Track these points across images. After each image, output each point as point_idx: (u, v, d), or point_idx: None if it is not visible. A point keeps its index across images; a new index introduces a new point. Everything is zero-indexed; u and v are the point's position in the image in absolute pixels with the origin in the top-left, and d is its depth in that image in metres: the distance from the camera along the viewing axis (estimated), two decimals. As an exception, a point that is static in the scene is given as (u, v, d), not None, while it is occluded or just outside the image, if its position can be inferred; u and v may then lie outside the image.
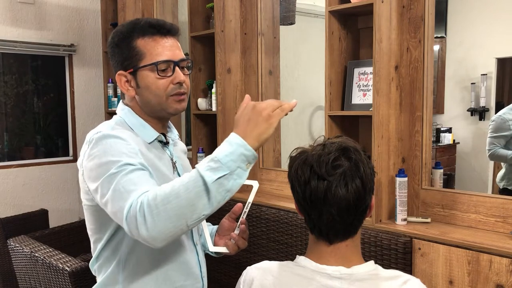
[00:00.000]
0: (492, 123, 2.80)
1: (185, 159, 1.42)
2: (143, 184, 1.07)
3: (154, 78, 1.22)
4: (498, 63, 3.17)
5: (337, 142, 1.01)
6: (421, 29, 1.92)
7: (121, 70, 1.25)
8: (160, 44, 1.23)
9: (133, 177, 1.09)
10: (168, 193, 1.01)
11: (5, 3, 3.39)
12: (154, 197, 1.01)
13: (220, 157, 1.02)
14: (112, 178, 1.09)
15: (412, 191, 1.97)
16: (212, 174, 1.00)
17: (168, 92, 1.23)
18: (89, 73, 3.82)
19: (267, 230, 2.27)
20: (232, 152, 1.02)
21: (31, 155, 3.66)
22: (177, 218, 1.01)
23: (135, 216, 1.01)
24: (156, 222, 1.00)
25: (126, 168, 1.10)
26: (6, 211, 3.37)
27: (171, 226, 1.01)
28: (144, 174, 1.11)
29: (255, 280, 1.04)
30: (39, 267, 2.15)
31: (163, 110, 1.26)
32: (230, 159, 1.02)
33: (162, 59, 1.22)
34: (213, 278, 2.54)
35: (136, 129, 1.27)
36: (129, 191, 1.06)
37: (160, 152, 1.30)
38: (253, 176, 2.69)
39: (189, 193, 1.00)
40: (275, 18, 2.73)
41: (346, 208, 0.98)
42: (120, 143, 1.16)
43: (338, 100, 2.13)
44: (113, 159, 1.11)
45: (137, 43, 1.23)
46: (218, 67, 2.60)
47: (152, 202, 1.00)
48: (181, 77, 1.24)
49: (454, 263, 1.65)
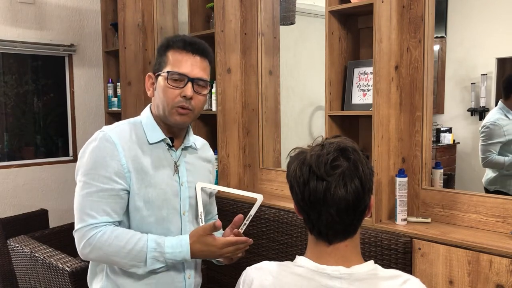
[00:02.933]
0: (486, 130, 2.76)
1: (201, 166, 1.50)
2: (99, 210, 1.29)
3: (164, 86, 1.34)
4: (498, 63, 3.17)
5: (336, 142, 1.01)
6: (421, 29, 1.92)
7: (152, 72, 1.41)
8: (183, 58, 1.35)
9: (94, 200, 1.30)
10: (112, 247, 1.27)
11: (5, 3, 3.39)
12: (101, 243, 1.27)
13: (167, 257, 1.29)
14: (82, 187, 1.31)
15: (412, 191, 1.97)
16: (153, 263, 1.29)
17: (175, 103, 1.33)
18: (89, 73, 3.82)
19: (267, 230, 2.27)
20: (176, 257, 1.30)
21: (31, 155, 3.66)
22: (109, 262, 1.32)
23: (81, 239, 1.29)
24: (90, 254, 1.30)
25: (94, 185, 1.30)
26: (6, 211, 3.37)
27: (101, 261, 1.35)
28: (105, 197, 1.30)
29: (254, 280, 1.04)
30: (39, 267, 2.15)
31: (166, 118, 1.37)
32: (172, 260, 1.30)
33: (176, 70, 1.33)
34: (213, 278, 2.54)
35: (146, 129, 1.39)
36: (86, 214, 1.29)
37: (164, 153, 1.40)
38: (253, 177, 2.70)
39: (129, 260, 1.28)
40: (275, 18, 2.73)
41: (345, 209, 0.97)
42: (105, 149, 1.31)
43: (338, 100, 2.13)
44: (90, 168, 1.31)
45: (169, 53, 1.36)
46: (218, 67, 2.60)
47: (98, 244, 1.27)
48: (188, 92, 1.32)
49: (454, 263, 1.65)
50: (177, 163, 1.41)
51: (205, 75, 1.38)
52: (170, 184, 1.38)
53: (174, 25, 3.28)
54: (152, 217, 1.35)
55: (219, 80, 2.60)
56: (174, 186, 1.39)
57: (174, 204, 1.39)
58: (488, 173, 2.82)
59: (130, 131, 1.38)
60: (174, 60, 1.34)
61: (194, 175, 1.45)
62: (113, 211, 1.31)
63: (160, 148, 1.39)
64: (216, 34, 2.59)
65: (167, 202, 1.37)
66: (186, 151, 1.46)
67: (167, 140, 1.40)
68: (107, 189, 1.29)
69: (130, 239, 1.28)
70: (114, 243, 1.27)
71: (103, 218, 1.29)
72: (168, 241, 1.29)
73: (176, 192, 1.40)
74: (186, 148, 1.46)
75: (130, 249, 1.27)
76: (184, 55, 1.35)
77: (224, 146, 2.64)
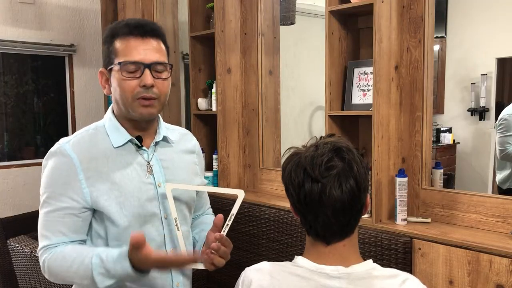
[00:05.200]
0: (504, 122, 2.77)
1: (181, 160, 1.37)
2: (54, 231, 1.22)
3: (119, 79, 1.21)
4: (498, 63, 3.17)
5: (330, 142, 1.00)
6: (421, 29, 1.92)
7: (103, 67, 1.26)
8: (132, 44, 1.21)
9: (50, 220, 1.23)
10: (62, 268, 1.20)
11: (5, 3, 3.39)
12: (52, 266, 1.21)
13: (112, 273, 1.14)
14: (41, 206, 1.26)
15: (412, 191, 1.97)
16: (103, 281, 1.16)
17: (134, 95, 1.20)
18: (89, 73, 3.82)
19: (267, 230, 2.27)
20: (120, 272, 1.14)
21: (31, 155, 3.66)
22: (67, 282, 1.26)
23: (40, 261, 1.24)
24: (49, 277, 1.25)
25: (51, 204, 1.23)
26: (6, 211, 3.37)
27: (62, 283, 1.31)
28: (61, 216, 1.22)
29: (253, 281, 1.04)
30: (39, 267, 2.15)
31: (129, 113, 1.24)
32: (118, 275, 1.15)
33: (128, 59, 1.19)
34: (213, 278, 2.54)
35: (110, 132, 1.27)
36: (42, 235, 1.23)
37: (133, 155, 1.27)
38: (253, 177, 2.70)
39: (80, 279, 1.19)
40: (275, 18, 2.73)
41: (342, 209, 0.97)
42: (61, 165, 1.23)
43: (338, 100, 2.13)
44: (47, 186, 1.25)
45: (116, 42, 1.22)
46: (218, 67, 2.60)
47: (49, 267, 1.21)
48: (146, 80, 1.19)
49: (454, 263, 1.65)
50: (150, 163, 1.28)
51: (162, 57, 1.23)
52: (143, 188, 1.25)
53: (174, 25, 3.28)
54: (129, 227, 1.22)
55: (219, 80, 2.60)
56: (149, 190, 1.26)
57: (151, 209, 1.25)
58: (501, 172, 2.83)
59: (90, 139, 1.26)
60: (124, 49, 1.20)
61: (174, 172, 1.31)
62: (70, 231, 1.21)
63: (127, 151, 1.26)
64: (216, 34, 2.59)
65: (143, 208, 1.24)
66: (159, 147, 1.32)
67: (133, 140, 1.26)
68: (63, 208, 1.20)
69: (77, 258, 1.17)
70: (62, 264, 1.19)
71: (57, 238, 1.21)
72: (110, 256, 1.15)
73: (153, 196, 1.26)
74: (158, 144, 1.32)
75: (77, 268, 1.17)
76: (132, 41, 1.20)
77: (224, 146, 2.64)
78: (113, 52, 1.22)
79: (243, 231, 2.39)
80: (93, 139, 1.26)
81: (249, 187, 2.70)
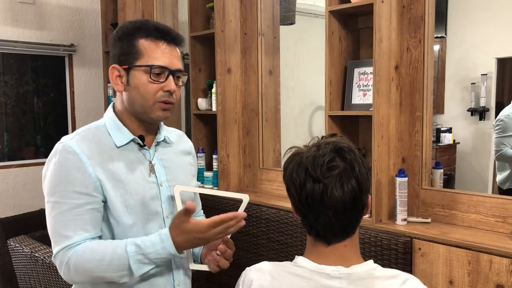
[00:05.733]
0: (500, 123, 2.79)
1: (180, 161, 1.39)
2: (75, 229, 1.18)
3: (145, 81, 1.22)
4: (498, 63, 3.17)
5: (331, 142, 1.00)
6: (421, 29, 1.92)
7: (116, 64, 1.25)
8: (160, 49, 1.23)
9: (68, 218, 1.18)
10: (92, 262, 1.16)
11: (5, 3, 3.39)
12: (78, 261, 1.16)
13: (151, 257, 1.16)
14: (52, 208, 1.20)
15: (412, 191, 1.97)
16: (140, 268, 1.16)
17: (157, 98, 1.23)
18: (89, 73, 3.82)
19: (267, 230, 2.27)
20: (160, 254, 1.16)
21: (31, 155, 3.66)
22: (95, 279, 1.20)
23: (61, 263, 1.18)
24: (74, 277, 1.20)
25: (65, 203, 1.19)
26: (6, 211, 3.37)
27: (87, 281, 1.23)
28: (81, 213, 1.19)
29: (254, 281, 1.04)
30: (39, 267, 2.15)
31: (145, 114, 1.25)
32: (158, 258, 1.17)
33: (158, 63, 1.21)
34: (213, 278, 2.54)
35: (111, 131, 1.27)
36: (61, 236, 1.18)
37: (136, 154, 1.28)
38: (253, 177, 2.70)
39: (113, 272, 1.16)
40: (275, 18, 2.73)
41: (343, 209, 0.97)
42: (68, 162, 1.20)
43: (338, 100, 2.13)
44: (56, 186, 1.20)
45: (139, 42, 1.22)
46: (218, 67, 2.60)
47: (77, 264, 1.16)
48: (172, 86, 1.23)
49: (454, 263, 1.65)
50: (152, 162, 1.30)
51: (181, 65, 1.28)
52: (147, 187, 1.26)
53: (174, 25, 3.28)
54: (134, 226, 1.23)
55: (219, 80, 2.60)
56: (152, 188, 1.28)
57: (154, 208, 1.27)
58: (502, 173, 2.85)
59: (93, 136, 1.25)
60: (150, 51, 1.22)
61: (174, 172, 1.33)
62: (91, 227, 1.20)
63: (130, 150, 1.27)
64: (216, 34, 2.59)
65: (146, 207, 1.25)
66: (160, 147, 1.34)
67: (136, 139, 1.28)
68: (80, 205, 1.18)
69: (107, 249, 1.17)
70: (92, 258, 1.16)
71: (80, 236, 1.18)
72: (147, 241, 1.17)
73: (156, 195, 1.28)
74: (159, 144, 1.34)
75: (110, 260, 1.15)
76: (160, 45, 1.23)
77: (224, 146, 2.64)
78: (134, 51, 1.22)
79: (243, 231, 2.39)
80: (96, 137, 1.26)
81: (249, 187, 2.70)
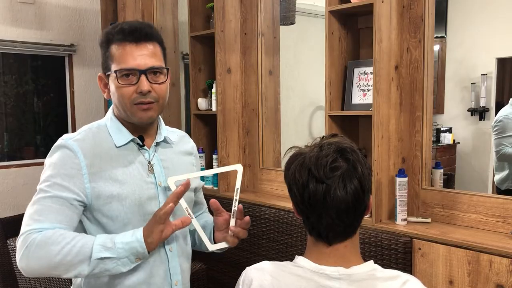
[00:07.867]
0: (499, 123, 2.81)
1: (180, 161, 1.39)
2: (49, 216, 1.17)
3: (116, 86, 1.23)
4: (498, 63, 3.18)
5: (334, 143, 1.01)
6: (421, 29, 1.92)
7: (102, 72, 1.28)
8: (126, 50, 1.22)
9: (46, 206, 1.18)
10: (55, 245, 1.12)
11: (5, 3, 3.39)
12: (43, 241, 1.12)
13: (117, 241, 1.14)
14: (36, 194, 1.22)
15: (412, 191, 1.97)
16: (100, 251, 1.13)
17: (132, 100, 1.23)
18: (89, 73, 3.82)
19: (267, 230, 2.27)
20: (128, 242, 1.15)
21: (31, 155, 3.66)
22: (52, 269, 1.14)
23: (22, 245, 1.13)
24: (31, 262, 1.13)
25: (49, 192, 1.19)
26: (6, 211, 3.37)
27: (43, 272, 1.16)
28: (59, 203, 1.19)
29: (254, 280, 1.04)
30: (39, 267, 2.15)
31: (129, 117, 1.27)
32: (123, 247, 1.14)
33: (125, 66, 1.21)
34: (213, 278, 2.54)
35: (112, 132, 1.29)
36: (33, 219, 1.16)
37: (135, 155, 1.30)
38: (253, 177, 2.69)
39: (73, 256, 1.12)
40: (275, 18, 2.73)
41: (346, 210, 0.97)
42: (65, 158, 1.22)
43: (338, 100, 2.13)
44: (49, 177, 1.22)
45: (111, 48, 1.24)
46: (218, 67, 2.60)
47: (38, 244, 1.12)
48: (143, 87, 1.21)
49: (454, 263, 1.65)
50: (151, 162, 1.30)
51: (157, 62, 1.24)
52: (144, 187, 1.27)
53: (174, 25, 3.28)
54: (129, 226, 1.23)
55: (219, 80, 2.60)
56: (150, 189, 1.28)
57: (151, 208, 1.25)
58: (500, 173, 2.86)
59: (94, 137, 1.27)
60: (119, 55, 1.22)
61: (174, 172, 1.32)
62: (65, 221, 1.18)
63: (129, 150, 1.28)
64: (216, 34, 2.59)
65: (143, 207, 1.25)
66: (160, 147, 1.34)
67: (136, 140, 1.29)
68: (62, 197, 1.19)
69: (78, 235, 1.15)
70: (61, 241, 1.12)
71: (51, 224, 1.16)
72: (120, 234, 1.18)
73: (153, 195, 1.28)
74: (159, 144, 1.34)
75: (76, 242, 1.13)
76: (127, 47, 1.21)
77: (224, 146, 2.64)
78: (109, 58, 1.24)
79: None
80: (97, 137, 1.28)
81: (249, 187, 2.70)
